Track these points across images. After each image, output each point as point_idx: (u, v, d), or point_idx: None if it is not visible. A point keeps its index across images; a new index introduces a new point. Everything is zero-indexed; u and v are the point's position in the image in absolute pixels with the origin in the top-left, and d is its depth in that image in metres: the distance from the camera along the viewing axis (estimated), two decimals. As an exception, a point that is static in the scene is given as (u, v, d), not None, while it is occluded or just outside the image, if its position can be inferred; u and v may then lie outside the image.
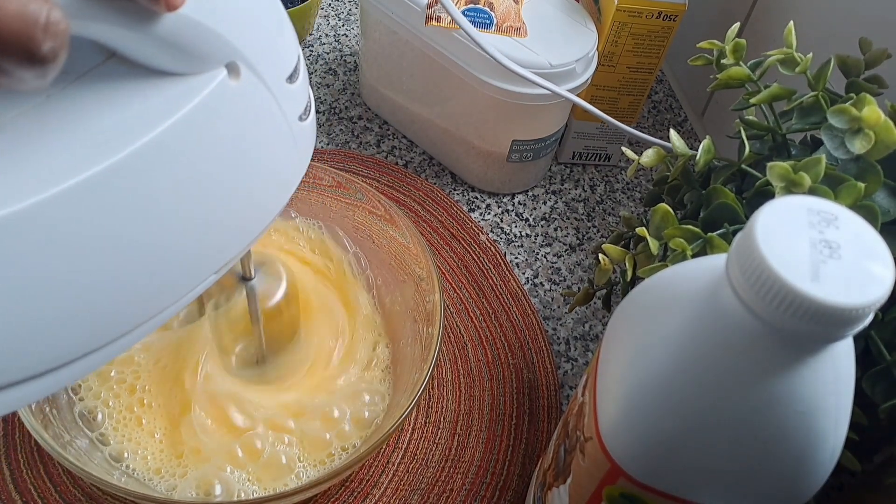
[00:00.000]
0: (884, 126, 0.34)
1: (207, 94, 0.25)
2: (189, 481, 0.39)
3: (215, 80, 0.25)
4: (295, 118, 0.29)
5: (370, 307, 0.47)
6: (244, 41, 0.25)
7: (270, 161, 0.29)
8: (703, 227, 0.37)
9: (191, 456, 0.40)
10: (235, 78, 0.25)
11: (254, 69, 0.26)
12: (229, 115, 0.26)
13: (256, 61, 0.26)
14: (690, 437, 0.26)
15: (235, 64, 0.25)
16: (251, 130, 0.27)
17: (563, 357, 0.52)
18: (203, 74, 0.25)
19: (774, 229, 0.22)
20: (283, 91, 0.28)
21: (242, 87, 0.26)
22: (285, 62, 0.28)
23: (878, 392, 0.34)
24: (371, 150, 0.61)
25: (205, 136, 0.25)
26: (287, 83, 0.28)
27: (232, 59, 0.25)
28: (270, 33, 0.27)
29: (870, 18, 0.49)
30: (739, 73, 0.40)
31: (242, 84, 0.26)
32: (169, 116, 0.24)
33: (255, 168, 0.28)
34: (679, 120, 0.69)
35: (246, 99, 0.26)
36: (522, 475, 0.46)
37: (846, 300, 0.21)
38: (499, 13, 0.52)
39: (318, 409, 0.42)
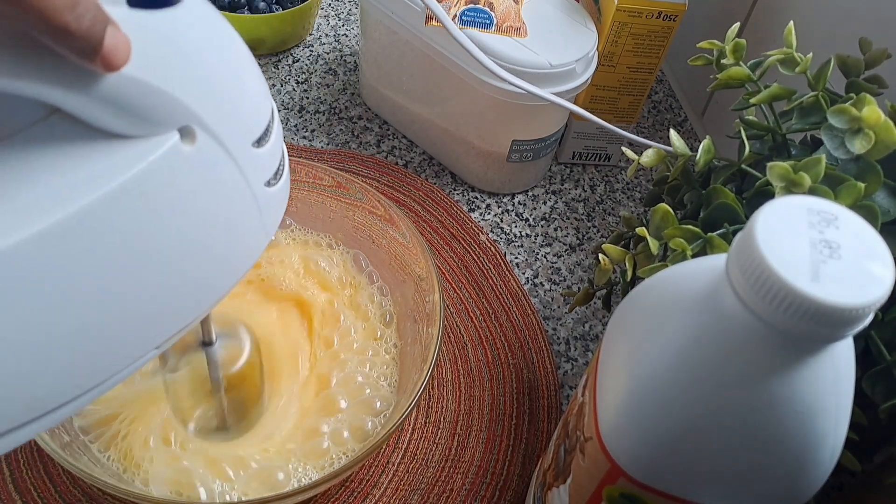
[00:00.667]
0: (884, 126, 0.34)
1: (155, 160, 0.23)
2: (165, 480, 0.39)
3: (166, 145, 0.23)
4: (261, 184, 0.27)
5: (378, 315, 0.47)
6: (201, 103, 0.23)
7: (228, 230, 0.27)
8: (703, 227, 0.37)
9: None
10: (190, 143, 0.24)
11: (212, 133, 0.24)
12: (181, 182, 0.24)
13: (216, 125, 0.24)
14: (690, 437, 0.26)
15: (190, 128, 0.23)
16: (206, 198, 0.25)
17: (563, 357, 0.52)
18: (153, 138, 0.23)
19: (774, 229, 0.22)
20: (247, 156, 0.26)
21: (198, 152, 0.24)
22: (252, 125, 0.26)
23: (878, 392, 0.34)
24: (371, 150, 0.61)
25: (152, 203, 0.23)
26: (254, 147, 0.26)
27: (186, 122, 0.23)
28: (234, 95, 0.25)
29: (870, 18, 0.49)
30: (739, 73, 0.40)
31: (198, 149, 0.24)
32: (111, 181, 0.22)
33: (209, 237, 0.26)
34: (679, 120, 0.69)
35: (201, 165, 0.24)
36: (522, 475, 0.45)
37: (846, 300, 0.21)
38: (499, 13, 0.52)
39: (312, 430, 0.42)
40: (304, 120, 0.63)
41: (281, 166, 0.28)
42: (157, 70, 0.22)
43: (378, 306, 0.47)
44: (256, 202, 0.27)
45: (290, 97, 0.64)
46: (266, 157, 0.27)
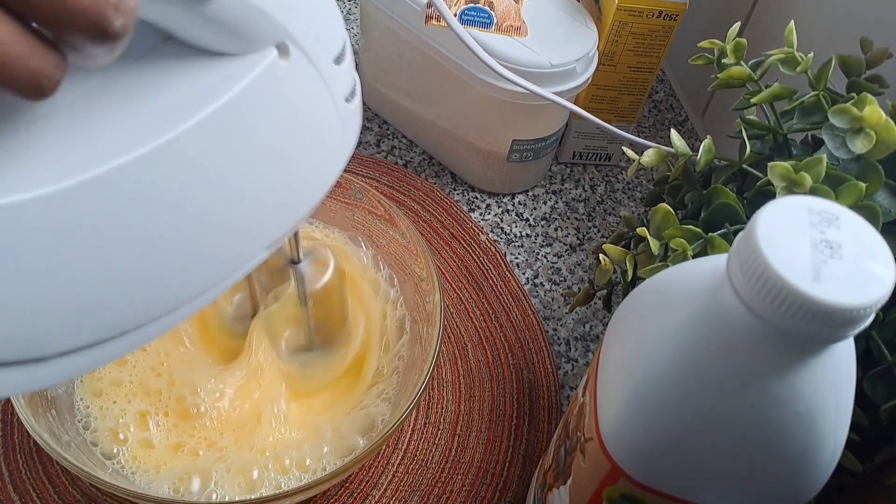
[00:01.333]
0: (885, 126, 0.34)
1: (258, 74, 0.25)
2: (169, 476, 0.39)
3: (266, 60, 0.25)
4: (342, 99, 0.29)
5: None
6: (293, 22, 0.25)
7: (318, 141, 0.29)
8: (703, 228, 0.37)
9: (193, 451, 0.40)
10: (285, 58, 0.26)
11: (303, 49, 0.26)
12: (279, 95, 0.26)
13: (305, 42, 0.26)
14: (691, 438, 0.26)
15: (285, 44, 0.26)
16: (300, 110, 0.28)
17: (563, 357, 0.51)
18: (254, 55, 0.25)
19: (775, 229, 0.22)
20: (330, 71, 0.28)
21: (292, 67, 0.26)
22: (333, 43, 0.28)
23: (878, 392, 0.34)
24: (371, 150, 0.61)
25: (255, 116, 0.26)
26: (334, 64, 0.28)
27: (282, 39, 0.25)
28: (318, 14, 0.27)
29: (870, 18, 0.49)
30: (740, 73, 0.40)
31: (292, 64, 0.26)
32: (221, 96, 0.24)
33: (303, 147, 0.29)
34: (680, 119, 0.69)
35: (295, 79, 0.27)
36: (522, 476, 0.45)
37: (847, 300, 0.21)
38: (499, 12, 0.52)
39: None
40: (304, 120, 0.63)
41: (355, 85, 0.31)
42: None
43: (392, 305, 0.48)
44: (339, 115, 0.30)
45: (290, 97, 0.64)
46: (345, 73, 0.29)
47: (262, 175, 0.27)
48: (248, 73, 0.25)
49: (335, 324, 0.44)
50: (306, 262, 0.40)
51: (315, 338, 0.43)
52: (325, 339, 0.43)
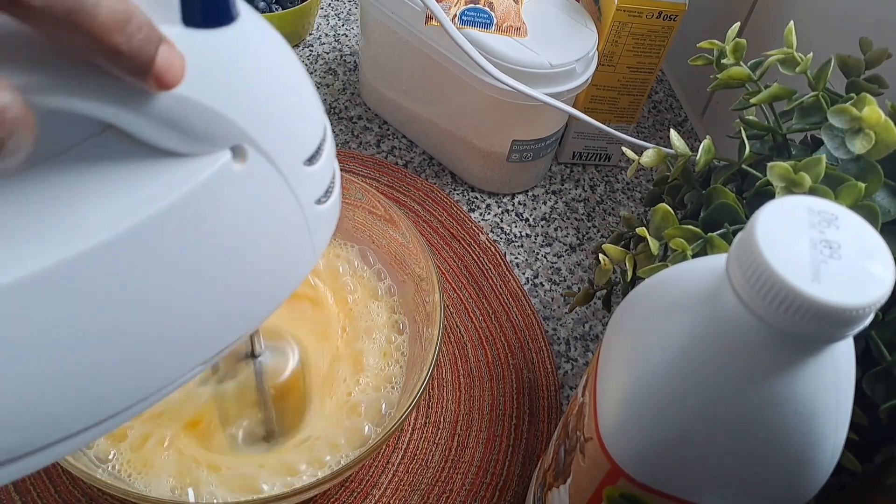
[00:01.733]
0: (884, 126, 0.34)
1: (207, 178, 0.23)
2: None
3: (217, 164, 0.23)
4: (311, 202, 0.27)
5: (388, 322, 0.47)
6: (254, 123, 0.23)
7: (278, 247, 0.27)
8: (703, 228, 0.37)
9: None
10: (241, 161, 0.24)
11: (264, 152, 0.24)
12: (232, 200, 0.24)
13: (268, 144, 0.24)
14: (691, 438, 0.26)
15: (242, 147, 0.24)
16: (256, 216, 0.25)
17: (563, 357, 0.51)
18: (205, 156, 0.23)
19: (775, 229, 0.22)
20: (298, 175, 0.26)
21: (249, 170, 0.24)
22: (304, 144, 0.26)
23: (878, 392, 0.34)
24: (371, 150, 0.61)
25: (203, 221, 0.24)
26: (305, 166, 0.26)
27: (238, 141, 0.23)
28: (288, 113, 0.25)
29: (870, 18, 0.49)
30: (740, 73, 0.40)
31: (249, 168, 0.24)
32: (162, 199, 0.22)
33: (260, 255, 0.26)
34: (679, 120, 0.69)
35: (252, 184, 0.24)
36: (522, 476, 0.45)
37: (846, 300, 0.21)
38: (499, 13, 0.52)
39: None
40: (304, 120, 0.62)
41: (332, 184, 0.28)
42: (211, 90, 0.22)
43: (389, 308, 0.47)
44: (306, 220, 0.27)
45: (290, 97, 0.64)
46: (317, 175, 0.27)
47: (211, 283, 0.25)
48: (194, 177, 0.23)
49: (295, 413, 0.41)
50: (267, 355, 0.37)
51: (275, 429, 0.40)
52: (285, 427, 0.41)
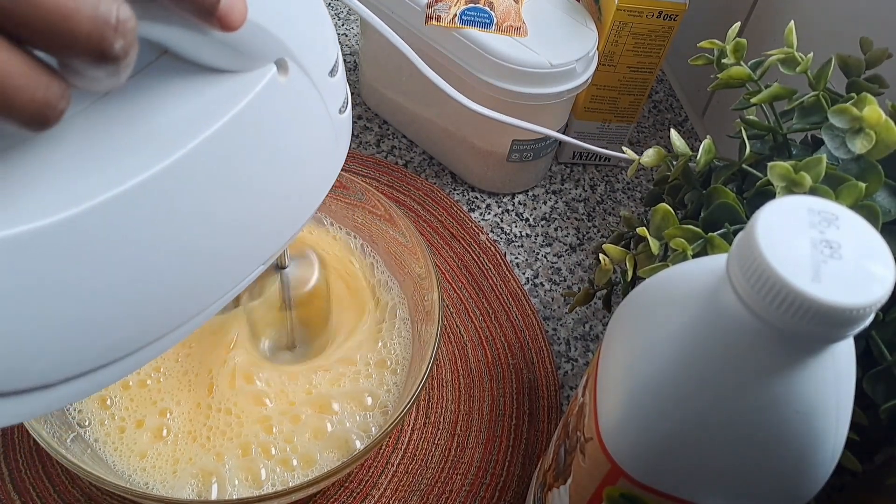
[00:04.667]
0: (885, 126, 0.34)
1: (259, 91, 0.25)
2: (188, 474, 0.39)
3: (266, 77, 0.25)
4: (336, 111, 0.30)
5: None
6: (292, 38, 0.26)
7: (316, 152, 0.30)
8: (703, 227, 0.37)
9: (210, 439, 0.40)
10: (284, 74, 0.26)
11: (301, 65, 0.26)
12: (279, 111, 0.26)
13: (303, 57, 0.26)
14: (691, 438, 0.26)
15: (284, 60, 0.26)
16: (299, 123, 0.28)
17: (563, 357, 0.51)
18: (254, 71, 0.25)
19: (775, 229, 0.22)
20: (326, 85, 0.28)
21: (291, 82, 0.26)
22: (327, 56, 0.29)
23: (878, 392, 0.34)
24: (371, 150, 0.61)
25: (257, 132, 0.26)
26: (329, 77, 0.28)
27: (281, 55, 0.26)
28: (314, 29, 0.28)
29: (870, 18, 0.49)
30: (740, 73, 0.40)
31: (291, 80, 0.26)
32: (223, 114, 0.24)
33: (302, 160, 0.29)
34: (679, 120, 0.69)
35: (294, 94, 0.27)
36: (522, 476, 0.45)
37: (847, 300, 0.21)
38: (499, 13, 0.52)
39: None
40: (304, 120, 0.63)
41: (347, 96, 0.31)
42: (258, 10, 0.23)
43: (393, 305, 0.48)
44: (334, 127, 0.30)
45: (290, 97, 0.64)
46: (338, 85, 0.30)
47: (265, 190, 0.27)
48: (249, 90, 0.25)
49: (318, 326, 0.44)
50: (292, 267, 0.40)
51: (297, 339, 0.43)
52: (307, 339, 0.44)
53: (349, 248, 0.49)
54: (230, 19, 0.22)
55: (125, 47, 0.19)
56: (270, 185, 0.28)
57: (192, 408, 0.41)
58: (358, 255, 0.49)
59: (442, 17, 0.51)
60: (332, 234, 0.50)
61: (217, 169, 0.25)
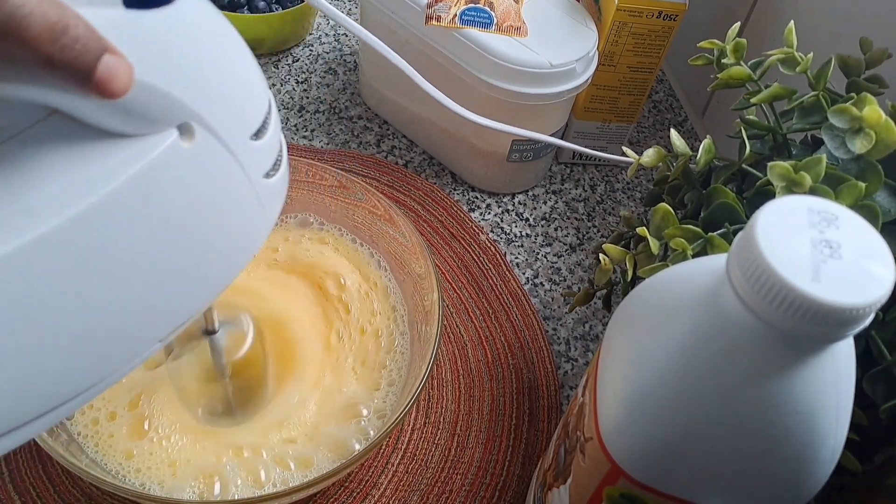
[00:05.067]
0: (884, 126, 0.34)
1: (155, 158, 0.23)
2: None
3: (165, 143, 0.23)
4: (259, 176, 0.28)
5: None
6: (199, 101, 0.24)
7: (229, 222, 0.27)
8: (703, 227, 0.37)
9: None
10: (189, 139, 0.24)
11: (210, 129, 0.24)
12: (181, 178, 0.24)
13: (214, 121, 0.24)
14: (691, 438, 0.26)
15: (189, 125, 0.24)
16: (206, 193, 0.26)
17: (563, 357, 0.51)
18: (152, 136, 0.23)
19: (775, 229, 0.22)
20: (245, 150, 0.26)
21: (196, 148, 0.24)
22: (250, 119, 0.26)
23: (878, 392, 0.34)
24: (371, 150, 0.61)
25: (153, 200, 0.24)
26: (252, 140, 0.26)
27: (185, 119, 0.24)
28: (232, 89, 0.25)
29: (870, 18, 0.49)
30: (740, 73, 0.40)
31: (197, 145, 0.24)
32: (111, 181, 0.23)
33: (211, 230, 0.27)
34: (679, 119, 0.69)
35: (200, 161, 0.25)
36: (522, 476, 0.45)
37: (847, 300, 0.21)
38: (499, 13, 0.52)
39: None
40: (304, 120, 0.63)
41: (279, 157, 0.29)
42: (156, 71, 0.22)
43: (390, 306, 0.47)
44: (257, 194, 0.28)
45: (290, 97, 0.64)
46: (264, 148, 0.27)
47: (164, 261, 0.25)
48: (143, 156, 0.23)
49: (256, 390, 0.41)
50: (222, 333, 0.37)
51: (235, 404, 0.41)
52: (245, 404, 0.41)
53: (357, 252, 0.49)
54: (111, 87, 0.20)
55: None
56: (172, 255, 0.25)
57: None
58: (365, 255, 0.49)
59: (442, 17, 0.51)
60: (332, 236, 0.50)
61: (104, 239, 0.23)
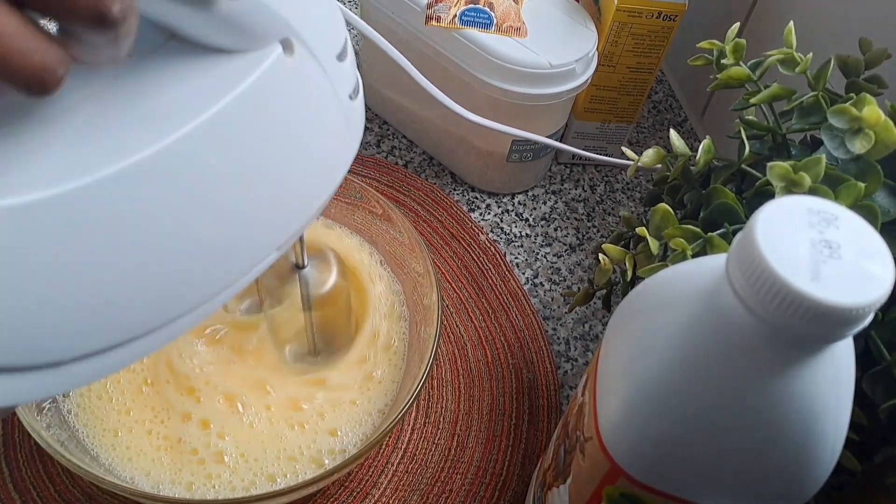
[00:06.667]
0: (884, 126, 0.34)
1: (264, 71, 0.25)
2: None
3: (271, 57, 0.25)
4: (345, 96, 0.29)
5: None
6: (298, 18, 0.25)
7: (324, 138, 0.29)
8: (703, 227, 0.37)
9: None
10: (290, 54, 0.26)
11: (307, 45, 0.26)
12: (284, 92, 0.26)
13: (309, 38, 0.26)
14: (690, 437, 0.26)
15: (289, 40, 0.25)
16: (305, 107, 0.27)
17: (563, 357, 0.52)
18: (259, 51, 0.25)
19: (774, 229, 0.22)
20: (334, 68, 0.28)
21: (297, 63, 0.26)
22: (335, 39, 0.28)
23: (878, 392, 0.34)
24: (371, 150, 0.61)
25: (262, 113, 0.26)
26: (337, 61, 0.28)
27: (286, 35, 0.25)
28: (321, 10, 0.27)
29: (870, 18, 0.49)
30: (739, 73, 0.40)
31: (297, 60, 0.26)
32: (227, 93, 0.24)
33: (310, 145, 0.28)
34: (679, 120, 0.69)
35: (300, 75, 0.26)
36: (522, 475, 0.45)
37: (846, 300, 0.21)
38: (499, 13, 0.52)
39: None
40: (304, 120, 0.63)
41: (357, 83, 0.30)
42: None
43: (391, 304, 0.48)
44: (343, 113, 0.29)
45: (290, 97, 0.64)
46: (347, 70, 0.29)
47: (271, 173, 0.27)
48: (253, 70, 0.25)
49: (339, 327, 0.44)
50: (311, 267, 0.40)
51: (319, 343, 0.43)
52: (329, 343, 0.43)
53: (357, 249, 0.49)
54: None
55: (123, 11, 0.19)
56: (278, 169, 0.27)
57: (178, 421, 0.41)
58: (366, 254, 0.49)
59: (442, 18, 0.51)
60: (338, 235, 0.50)
61: (219, 150, 0.25)
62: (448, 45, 0.52)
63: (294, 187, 0.28)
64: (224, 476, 0.39)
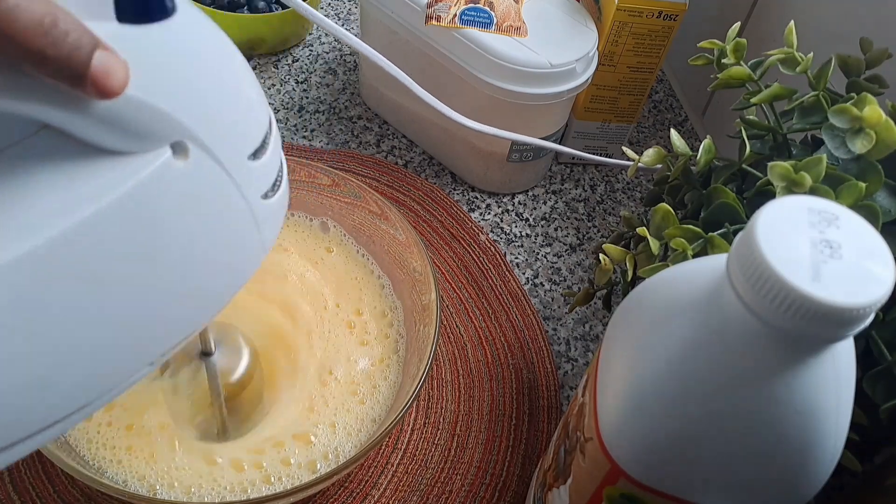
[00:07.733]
0: (885, 126, 0.34)
1: (146, 176, 0.23)
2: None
3: (157, 161, 0.23)
4: (257, 197, 0.27)
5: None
6: (194, 119, 0.23)
7: (224, 244, 0.27)
8: (703, 227, 0.37)
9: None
10: (182, 158, 0.23)
11: (206, 148, 0.24)
12: (174, 197, 0.24)
13: (211, 140, 0.24)
14: (691, 438, 0.26)
15: (183, 143, 0.23)
16: (200, 213, 0.25)
17: (563, 357, 0.51)
18: (144, 154, 0.23)
19: (775, 229, 0.22)
20: (242, 170, 0.26)
21: (190, 167, 0.24)
22: (248, 138, 0.26)
23: (878, 392, 0.34)
24: (371, 150, 0.61)
25: (145, 219, 0.23)
26: (250, 160, 0.26)
27: (179, 138, 0.23)
28: (229, 108, 0.25)
29: (870, 18, 0.49)
30: (740, 73, 0.40)
31: (191, 164, 0.24)
32: (102, 199, 0.22)
33: (204, 251, 0.26)
34: (679, 119, 0.69)
35: (194, 180, 0.24)
36: (522, 476, 0.45)
37: (847, 300, 0.21)
38: (499, 13, 0.52)
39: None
40: (304, 120, 0.62)
41: (279, 177, 0.28)
42: (150, 87, 0.22)
43: (386, 306, 0.47)
44: (253, 215, 0.27)
45: (290, 97, 0.64)
46: (263, 169, 0.27)
47: (154, 281, 0.25)
48: (133, 175, 0.22)
49: (251, 408, 0.41)
50: (218, 353, 0.37)
51: (229, 425, 0.40)
52: (239, 423, 0.41)
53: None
54: (108, 83, 0.19)
55: None
56: (163, 275, 0.25)
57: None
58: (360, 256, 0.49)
59: (442, 17, 0.51)
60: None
61: (95, 257, 0.22)
62: (448, 45, 0.52)
63: (182, 296, 0.26)
64: (224, 478, 0.39)
